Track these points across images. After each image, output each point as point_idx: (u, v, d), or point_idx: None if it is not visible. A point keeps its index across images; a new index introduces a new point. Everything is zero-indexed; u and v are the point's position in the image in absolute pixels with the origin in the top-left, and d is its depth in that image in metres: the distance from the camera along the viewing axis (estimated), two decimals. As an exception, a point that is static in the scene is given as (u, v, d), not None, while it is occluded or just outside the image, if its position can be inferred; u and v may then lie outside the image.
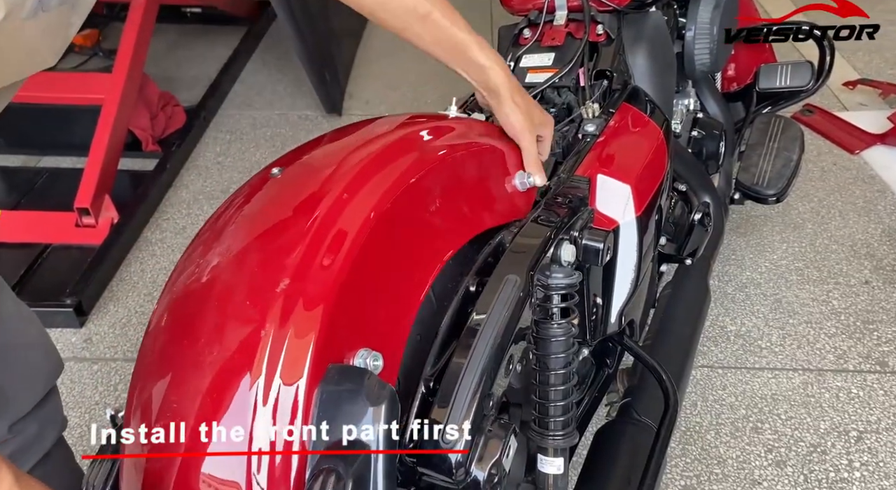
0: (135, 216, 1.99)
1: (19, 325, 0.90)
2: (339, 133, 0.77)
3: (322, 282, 0.56)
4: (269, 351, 0.53)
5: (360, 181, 0.64)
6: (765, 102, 1.70)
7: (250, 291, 0.56)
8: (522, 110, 0.84)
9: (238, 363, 0.53)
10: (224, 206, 0.68)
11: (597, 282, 0.94)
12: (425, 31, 0.82)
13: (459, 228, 0.73)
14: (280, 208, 0.63)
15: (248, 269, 0.58)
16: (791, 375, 1.48)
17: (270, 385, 0.52)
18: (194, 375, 0.54)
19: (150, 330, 0.61)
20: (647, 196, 1.00)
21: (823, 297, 1.66)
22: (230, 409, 0.52)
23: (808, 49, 1.65)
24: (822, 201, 1.97)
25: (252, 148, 2.39)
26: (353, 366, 0.56)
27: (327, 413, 0.53)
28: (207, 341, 0.55)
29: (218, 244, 0.62)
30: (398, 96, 2.65)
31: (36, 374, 0.93)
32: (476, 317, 0.66)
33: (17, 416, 0.90)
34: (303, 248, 0.57)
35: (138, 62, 2.15)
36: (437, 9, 0.81)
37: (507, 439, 0.64)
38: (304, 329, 0.54)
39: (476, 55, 0.82)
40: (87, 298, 1.74)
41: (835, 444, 1.34)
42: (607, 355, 1.07)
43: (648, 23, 1.29)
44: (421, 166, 0.69)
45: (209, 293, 0.58)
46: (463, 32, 0.82)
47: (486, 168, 0.81)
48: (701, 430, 1.38)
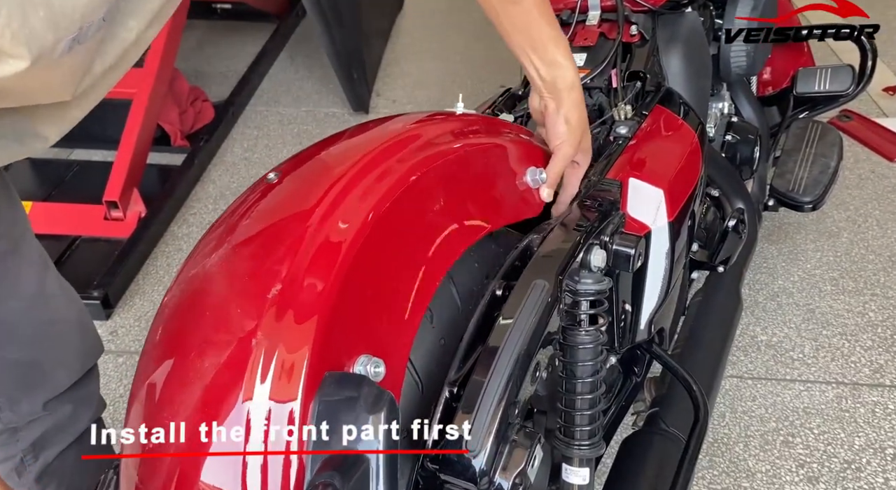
0: (162, 210, 2.01)
1: (61, 304, 0.92)
2: (336, 137, 0.74)
3: (318, 287, 0.54)
4: (264, 359, 0.51)
5: (356, 183, 0.61)
6: (802, 107, 1.65)
7: (245, 298, 0.55)
8: (576, 125, 0.81)
9: (233, 372, 0.52)
10: (225, 213, 0.67)
11: (626, 288, 0.91)
12: (513, 13, 0.79)
13: (466, 228, 0.69)
14: (276, 213, 0.61)
15: (244, 275, 0.56)
16: (824, 388, 1.44)
17: (266, 394, 0.50)
18: (191, 384, 0.53)
19: (151, 334, 0.60)
20: (681, 201, 0.97)
21: (859, 308, 1.61)
22: (225, 419, 0.50)
23: (849, 54, 1.61)
24: (858, 210, 1.92)
25: (279, 144, 2.40)
26: (351, 373, 0.54)
27: (325, 422, 0.51)
28: (201, 352, 0.53)
29: (217, 250, 0.60)
30: (425, 95, 2.64)
31: (73, 352, 0.94)
32: (503, 321, 0.64)
33: (52, 394, 0.92)
34: (297, 252, 0.55)
35: (169, 57, 2.16)
36: None
37: (532, 449, 0.62)
38: (300, 336, 0.52)
39: (554, 52, 0.79)
40: (114, 291, 1.76)
41: (870, 461, 1.29)
42: (635, 363, 1.05)
43: (684, 23, 1.26)
44: (421, 165, 0.66)
45: (207, 300, 0.57)
46: (550, 27, 0.80)
47: (492, 165, 0.77)
48: (729, 442, 1.34)
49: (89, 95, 0.63)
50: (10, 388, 0.88)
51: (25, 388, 0.89)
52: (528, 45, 0.80)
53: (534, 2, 0.78)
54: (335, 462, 0.50)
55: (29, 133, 0.61)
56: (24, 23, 0.46)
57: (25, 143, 0.61)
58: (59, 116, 0.62)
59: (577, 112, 0.81)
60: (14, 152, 0.61)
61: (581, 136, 0.81)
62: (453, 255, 0.66)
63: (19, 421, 0.91)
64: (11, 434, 0.92)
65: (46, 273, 0.90)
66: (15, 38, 0.46)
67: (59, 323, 0.91)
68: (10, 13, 0.45)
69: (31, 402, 0.90)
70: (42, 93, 0.53)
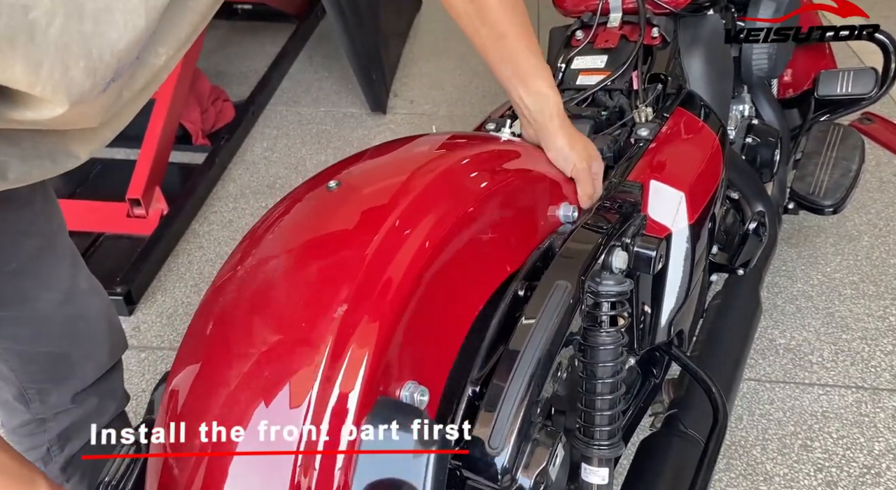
0: (184, 208, 2.03)
1: (91, 299, 0.94)
2: (396, 146, 0.76)
3: (380, 310, 0.55)
4: (322, 376, 0.52)
5: (420, 207, 0.63)
6: (823, 110, 1.64)
7: (305, 313, 0.55)
8: (577, 141, 0.83)
9: (288, 384, 0.52)
10: (277, 211, 0.67)
11: (646, 290, 0.92)
12: (497, 47, 0.82)
13: (506, 260, 0.71)
14: (339, 227, 0.61)
15: (305, 286, 0.57)
16: (843, 393, 1.43)
17: (319, 412, 0.51)
18: (238, 390, 0.53)
19: (191, 332, 0.60)
20: (701, 204, 0.97)
21: (880, 312, 1.60)
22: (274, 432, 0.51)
23: (870, 55, 1.59)
24: (879, 213, 1.90)
25: (298, 144, 2.42)
26: (405, 402, 0.55)
27: (374, 447, 0.52)
28: (254, 361, 0.54)
29: (270, 253, 0.61)
30: (442, 96, 2.65)
31: (101, 347, 0.97)
32: (525, 322, 0.65)
33: (81, 387, 0.94)
34: (362, 273, 0.56)
35: (191, 57, 2.19)
36: (514, 31, 0.81)
37: (554, 448, 0.63)
38: (358, 357, 0.53)
39: (539, 83, 0.82)
40: (137, 287, 1.79)
41: (890, 466, 1.28)
42: (654, 365, 1.05)
43: (705, 26, 1.26)
44: (477, 197, 0.67)
45: (259, 304, 0.57)
46: (534, 58, 0.82)
47: (537, 198, 0.79)
48: (747, 444, 1.34)
49: (121, 116, 0.64)
50: (41, 380, 0.91)
51: (55, 381, 0.92)
52: (515, 76, 0.83)
53: (518, 35, 0.81)
54: (382, 487, 0.52)
55: (62, 152, 0.62)
56: (64, 75, 0.47)
57: (58, 161, 0.62)
58: (90, 137, 0.64)
59: (571, 131, 0.84)
60: (48, 170, 0.63)
61: (583, 148, 0.84)
62: (492, 286, 0.68)
63: (48, 412, 0.94)
64: (39, 424, 0.95)
65: (78, 269, 0.92)
66: (56, 89, 0.47)
67: (89, 318, 0.94)
68: (52, 67, 0.46)
69: (61, 394, 0.93)
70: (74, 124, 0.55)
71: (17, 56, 0.44)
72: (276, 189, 2.19)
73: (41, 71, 0.46)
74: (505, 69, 0.83)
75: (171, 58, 0.59)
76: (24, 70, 0.45)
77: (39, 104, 0.49)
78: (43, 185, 0.84)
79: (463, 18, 0.82)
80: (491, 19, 0.81)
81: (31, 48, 0.44)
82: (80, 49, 0.47)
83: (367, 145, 0.77)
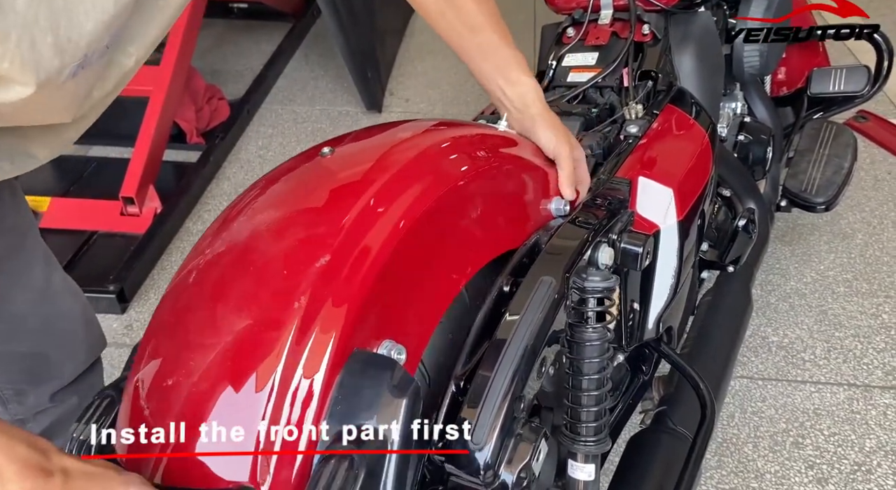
0: (177, 207, 2.03)
1: (66, 298, 0.94)
2: (399, 124, 0.77)
3: (360, 266, 0.56)
4: (298, 326, 0.52)
5: (411, 175, 0.64)
6: (816, 108, 1.64)
7: (289, 263, 0.56)
8: (558, 128, 0.84)
9: (266, 328, 0.53)
10: (264, 179, 0.68)
11: (635, 286, 0.92)
12: (474, 43, 0.83)
13: (495, 240, 0.72)
14: (328, 188, 0.63)
15: (290, 242, 0.58)
16: (835, 390, 1.43)
17: (293, 363, 0.52)
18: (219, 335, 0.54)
19: (169, 290, 0.60)
20: (690, 200, 0.97)
21: (873, 310, 1.60)
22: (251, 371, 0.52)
23: (865, 54, 1.59)
24: (874, 211, 1.90)
25: (293, 142, 2.42)
26: (380, 354, 0.56)
27: (346, 398, 0.52)
28: (231, 308, 0.55)
29: (254, 216, 0.62)
30: (438, 94, 2.65)
31: (79, 345, 0.96)
32: (509, 317, 0.65)
33: (59, 386, 0.94)
34: (345, 231, 0.57)
35: (186, 56, 2.19)
36: (489, 25, 0.82)
37: (537, 443, 0.62)
38: (336, 310, 0.54)
39: (517, 73, 0.83)
40: (130, 286, 1.79)
41: (881, 463, 1.28)
42: (643, 362, 1.05)
43: (696, 23, 1.26)
44: (468, 173, 0.68)
45: (243, 259, 0.58)
46: (509, 48, 0.83)
47: (530, 186, 0.80)
48: (738, 442, 1.34)
49: (87, 117, 0.63)
50: (17, 381, 0.90)
51: (33, 381, 0.91)
52: (495, 70, 0.84)
53: (493, 28, 0.82)
54: (350, 434, 0.52)
55: (21, 153, 0.61)
56: (31, 48, 0.46)
57: (16, 162, 0.61)
58: (52, 138, 0.62)
59: (550, 116, 0.85)
60: (6, 171, 0.62)
61: (565, 133, 0.85)
62: (479, 263, 0.69)
63: (26, 413, 0.93)
64: (18, 425, 0.93)
65: (52, 268, 0.91)
66: (24, 65, 0.46)
67: (66, 317, 0.93)
68: (19, 38, 0.45)
69: (38, 394, 0.92)
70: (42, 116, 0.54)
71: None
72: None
73: (8, 43, 0.44)
74: (483, 63, 0.84)
75: (139, 59, 0.58)
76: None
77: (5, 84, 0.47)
78: (9, 183, 0.82)
79: (436, 18, 0.83)
80: (465, 14, 0.81)
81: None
82: (48, 23, 0.46)
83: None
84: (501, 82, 0.83)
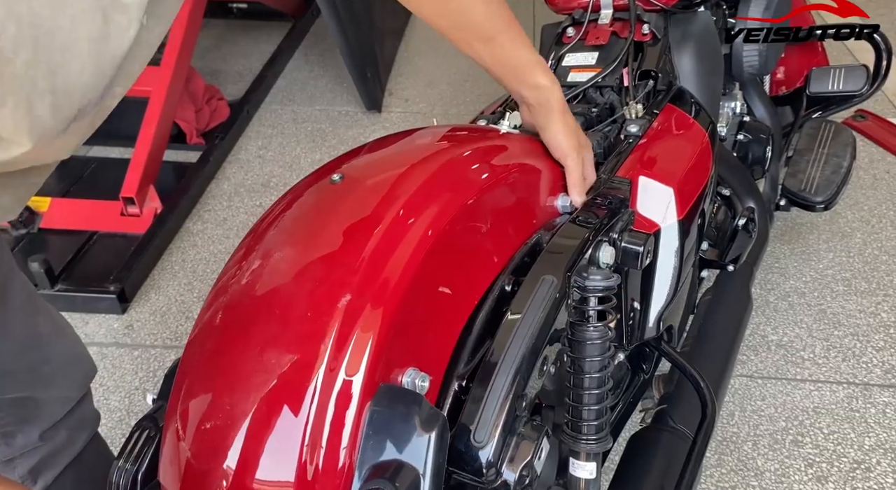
0: (178, 207, 2.03)
1: (52, 341, 0.90)
2: (397, 139, 0.76)
3: (382, 299, 0.56)
4: (327, 364, 0.53)
5: (421, 198, 0.64)
6: (815, 107, 1.65)
7: (310, 301, 0.56)
8: (571, 131, 0.83)
9: (294, 372, 0.54)
10: (280, 206, 0.68)
11: (635, 285, 0.92)
12: (487, 52, 0.81)
13: (505, 250, 0.73)
14: (341, 219, 0.62)
15: (310, 278, 0.58)
16: (835, 389, 1.43)
17: (323, 398, 0.52)
18: (254, 370, 0.55)
19: (200, 327, 0.61)
20: (690, 200, 0.98)
21: (872, 309, 1.61)
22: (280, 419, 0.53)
23: (865, 53, 1.60)
24: (872, 210, 1.90)
25: (293, 143, 2.42)
26: (406, 388, 0.57)
27: (376, 431, 0.53)
28: (262, 347, 0.55)
29: (274, 247, 0.62)
30: (437, 94, 2.65)
31: (69, 384, 0.93)
32: (511, 316, 0.65)
33: (49, 424, 0.91)
34: (365, 263, 0.57)
35: (185, 56, 2.19)
36: (503, 33, 0.80)
37: (539, 441, 0.63)
38: (362, 345, 0.54)
39: (538, 77, 0.81)
40: (130, 286, 1.79)
41: (880, 461, 1.29)
42: (644, 360, 1.05)
43: (696, 23, 1.27)
44: (476, 188, 0.68)
45: (266, 298, 0.58)
46: (527, 52, 0.81)
47: (536, 188, 0.80)
48: (738, 440, 1.34)
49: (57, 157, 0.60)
50: (5, 425, 0.87)
51: (20, 424, 0.88)
52: (512, 76, 0.82)
53: (508, 35, 0.80)
54: (384, 469, 0.52)
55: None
56: (28, 112, 0.44)
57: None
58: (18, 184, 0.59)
59: (569, 119, 0.84)
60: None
61: (577, 135, 0.84)
62: (490, 276, 0.69)
63: (14, 453, 0.90)
64: (6, 465, 0.90)
65: (36, 313, 0.87)
66: (18, 128, 0.44)
67: (53, 361, 0.90)
68: (16, 104, 0.43)
69: (27, 434, 0.89)
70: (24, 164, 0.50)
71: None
72: (271, 187, 2.19)
73: (4, 109, 0.42)
74: (501, 70, 0.82)
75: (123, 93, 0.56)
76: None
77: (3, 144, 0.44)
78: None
79: (449, 32, 0.80)
80: (476, 26, 0.79)
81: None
82: (47, 84, 0.44)
83: (362, 144, 0.77)
84: (520, 87, 0.82)
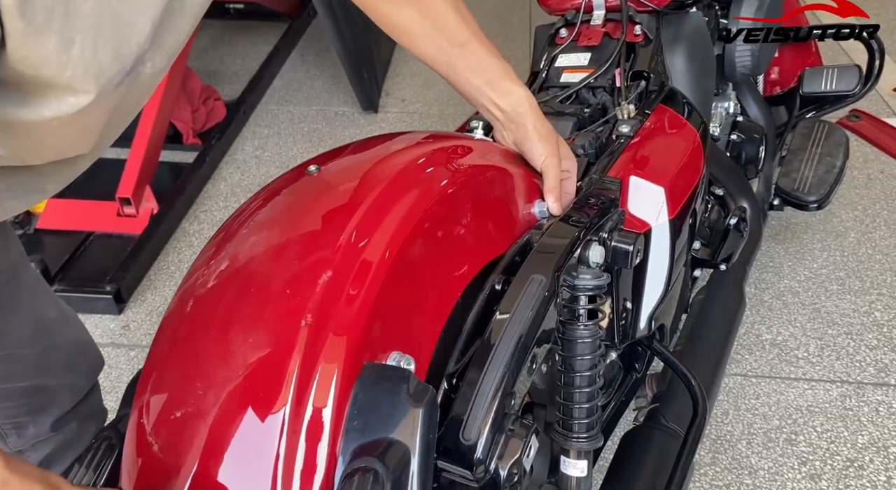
0: (174, 207, 2.04)
1: (61, 328, 0.91)
2: (380, 139, 0.78)
3: (363, 280, 0.57)
4: (307, 344, 0.53)
5: (404, 187, 0.64)
6: (809, 107, 1.65)
7: (291, 284, 0.57)
8: (546, 133, 0.83)
9: (274, 353, 0.54)
10: (258, 198, 0.69)
11: (626, 284, 0.93)
12: (461, 57, 0.81)
13: (485, 246, 0.73)
14: (322, 206, 0.63)
15: (289, 262, 0.58)
16: (828, 387, 1.44)
17: (306, 379, 0.52)
18: (225, 363, 0.55)
19: (169, 316, 0.61)
20: (682, 199, 0.98)
21: (865, 308, 1.61)
22: (262, 401, 0.52)
23: (859, 53, 1.61)
24: (866, 210, 1.91)
25: (289, 143, 2.43)
26: (392, 365, 0.57)
27: (363, 413, 0.53)
28: (242, 329, 0.55)
29: (252, 235, 0.62)
30: (433, 94, 2.66)
31: (77, 372, 0.94)
32: (500, 315, 0.66)
33: (59, 414, 0.92)
34: (345, 246, 0.58)
35: (182, 56, 2.19)
36: (473, 40, 0.80)
37: (528, 439, 0.63)
38: (342, 327, 0.54)
39: (507, 83, 0.82)
40: (126, 286, 1.79)
41: (873, 459, 1.30)
42: (636, 359, 1.06)
43: (688, 24, 1.27)
44: (456, 182, 0.69)
45: (244, 282, 0.58)
46: (497, 58, 0.82)
47: (514, 192, 0.81)
48: (732, 439, 1.35)
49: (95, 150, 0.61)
50: (16, 415, 0.88)
51: (32, 413, 0.89)
52: (484, 83, 0.82)
53: (478, 39, 0.81)
54: (373, 448, 0.52)
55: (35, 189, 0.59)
56: (94, 56, 0.44)
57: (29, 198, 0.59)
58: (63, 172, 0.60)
59: (544, 126, 0.83)
60: (16, 208, 0.60)
61: (556, 143, 0.83)
62: (474, 269, 0.70)
63: (26, 444, 0.91)
64: (17, 456, 0.90)
65: (44, 299, 0.89)
66: (86, 72, 0.44)
67: (62, 348, 0.91)
68: (83, 45, 0.43)
69: (38, 424, 0.90)
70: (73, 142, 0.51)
71: (53, 30, 0.41)
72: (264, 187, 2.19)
73: (73, 49, 0.42)
74: (472, 77, 0.82)
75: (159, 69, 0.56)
76: (56, 47, 0.41)
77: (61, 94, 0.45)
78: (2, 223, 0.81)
79: (420, 39, 0.81)
80: (449, 30, 0.80)
81: (66, 23, 0.41)
82: (111, 30, 0.44)
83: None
84: (493, 95, 0.82)
